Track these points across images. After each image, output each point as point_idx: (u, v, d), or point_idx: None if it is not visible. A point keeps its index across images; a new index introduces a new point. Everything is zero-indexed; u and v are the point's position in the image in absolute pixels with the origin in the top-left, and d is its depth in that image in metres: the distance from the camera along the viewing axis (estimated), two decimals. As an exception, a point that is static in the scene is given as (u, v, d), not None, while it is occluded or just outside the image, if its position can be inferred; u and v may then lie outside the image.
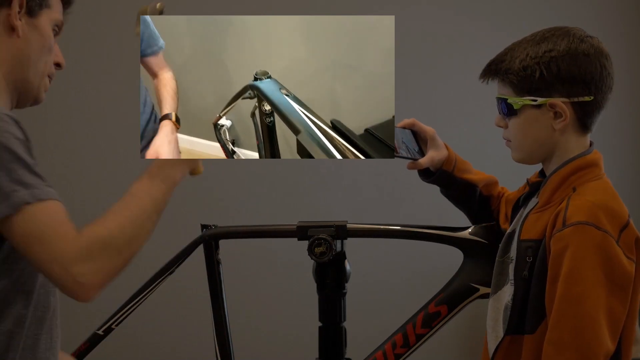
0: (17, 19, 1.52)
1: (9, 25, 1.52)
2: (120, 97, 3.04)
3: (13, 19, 1.52)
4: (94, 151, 3.08)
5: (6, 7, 1.52)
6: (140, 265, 2.86)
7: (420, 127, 1.94)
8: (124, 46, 3.01)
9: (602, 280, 1.56)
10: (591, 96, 1.66)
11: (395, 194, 3.35)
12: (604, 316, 1.55)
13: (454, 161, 1.93)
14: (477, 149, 3.11)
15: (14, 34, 1.52)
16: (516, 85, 1.69)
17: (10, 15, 1.52)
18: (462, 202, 1.97)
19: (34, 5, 1.55)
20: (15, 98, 1.56)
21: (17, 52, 1.53)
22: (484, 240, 1.92)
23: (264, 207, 3.20)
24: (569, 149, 1.69)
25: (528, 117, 1.69)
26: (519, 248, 1.67)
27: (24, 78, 1.55)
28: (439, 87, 3.42)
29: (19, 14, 1.52)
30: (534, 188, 1.77)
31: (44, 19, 1.56)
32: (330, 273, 1.94)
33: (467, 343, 3.39)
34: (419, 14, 3.39)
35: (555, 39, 1.67)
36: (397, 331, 1.93)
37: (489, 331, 1.72)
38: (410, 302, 2.08)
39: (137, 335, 3.03)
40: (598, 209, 1.59)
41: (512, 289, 1.67)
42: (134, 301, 2.03)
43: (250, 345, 3.02)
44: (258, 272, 3.20)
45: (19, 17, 1.52)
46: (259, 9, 3.14)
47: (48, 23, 1.57)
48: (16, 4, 1.52)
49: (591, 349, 1.54)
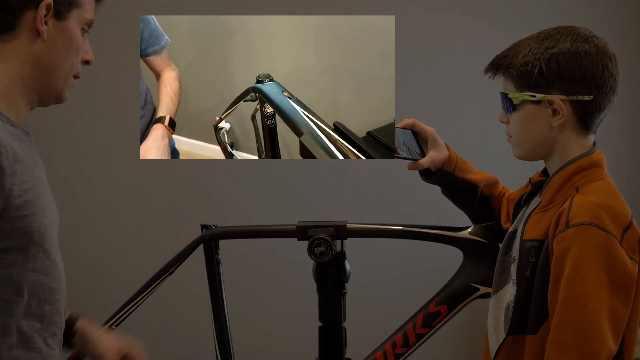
0: (43, 23, 1.48)
1: (34, 29, 1.49)
2: (120, 98, 3.04)
3: (38, 23, 1.48)
4: (94, 151, 3.08)
5: (33, 10, 1.48)
6: (140, 266, 2.88)
7: (420, 127, 1.94)
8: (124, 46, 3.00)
9: (605, 281, 1.56)
10: (591, 95, 1.66)
11: (395, 194, 3.35)
12: (606, 317, 1.55)
13: (455, 161, 1.93)
14: (477, 149, 3.11)
15: (38, 37, 1.49)
16: (517, 80, 1.69)
17: (36, 19, 1.48)
18: (463, 202, 1.97)
19: (62, 7, 1.50)
20: (35, 99, 1.54)
21: (41, 55, 1.50)
22: (484, 240, 1.92)
23: (264, 207, 3.20)
24: (570, 148, 1.69)
25: (527, 112, 1.70)
26: (522, 248, 1.67)
27: (46, 81, 1.52)
28: (439, 87, 3.42)
29: (46, 17, 1.48)
30: (537, 187, 1.76)
31: (72, 21, 1.52)
32: (330, 273, 1.94)
33: (467, 343, 3.39)
34: (419, 14, 3.39)
35: (559, 37, 1.68)
36: (397, 331, 1.93)
37: (490, 331, 1.72)
38: (410, 302, 2.09)
39: (137, 336, 3.01)
40: (601, 209, 1.59)
41: (515, 288, 1.67)
42: (134, 301, 2.03)
43: (250, 345, 3.02)
44: (258, 272, 3.20)
45: (45, 20, 1.48)
46: (259, 9, 3.13)
47: (77, 24, 1.53)
48: (43, 8, 1.48)
49: (594, 349, 1.54)
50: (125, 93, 2.99)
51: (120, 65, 3.03)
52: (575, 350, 1.54)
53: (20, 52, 1.49)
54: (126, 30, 2.95)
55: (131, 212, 3.08)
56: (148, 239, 3.05)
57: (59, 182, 2.90)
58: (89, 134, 3.06)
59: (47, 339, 1.50)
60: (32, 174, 1.47)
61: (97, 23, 1.60)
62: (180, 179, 3.13)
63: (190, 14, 2.94)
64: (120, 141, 3.05)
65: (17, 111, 1.51)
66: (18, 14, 1.48)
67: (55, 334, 1.52)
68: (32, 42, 1.49)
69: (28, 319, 1.47)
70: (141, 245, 3.05)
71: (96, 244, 3.00)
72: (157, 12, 2.85)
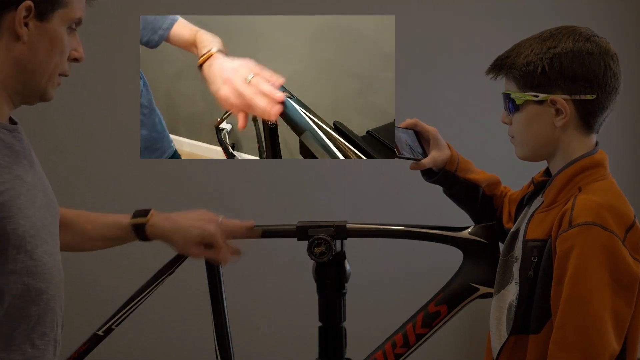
0: (22, 25, 1.44)
1: (14, 31, 1.44)
2: (120, 98, 3.04)
3: (17, 26, 1.44)
4: (94, 151, 3.08)
5: (12, 12, 1.44)
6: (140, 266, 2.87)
7: (422, 127, 1.94)
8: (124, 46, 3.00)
9: (608, 280, 1.56)
10: (594, 95, 1.66)
11: (395, 194, 3.35)
12: (609, 317, 1.55)
13: (457, 161, 1.93)
14: (478, 149, 3.11)
15: (19, 39, 1.45)
16: (519, 80, 1.70)
17: (15, 20, 1.43)
18: (464, 202, 1.98)
19: (44, 8, 1.46)
20: (17, 99, 1.51)
21: (21, 57, 1.46)
22: (484, 240, 1.92)
23: (264, 207, 3.20)
24: (572, 148, 1.69)
25: (530, 112, 1.70)
26: (525, 248, 1.67)
27: (28, 82, 1.49)
28: (439, 87, 3.42)
29: (27, 19, 1.44)
30: (539, 187, 1.76)
31: (55, 22, 1.47)
32: (330, 273, 1.94)
33: (467, 343, 3.39)
34: (419, 14, 3.39)
35: (561, 37, 1.68)
36: (397, 331, 1.93)
37: (493, 330, 1.72)
38: (410, 302, 2.08)
39: (137, 336, 3.03)
40: (604, 209, 1.59)
41: (517, 288, 1.67)
42: (134, 301, 2.03)
43: (250, 345, 3.02)
44: (258, 272, 3.20)
45: (25, 22, 1.44)
46: (259, 9, 3.13)
47: (61, 24, 1.48)
48: (22, 10, 1.43)
49: (597, 349, 1.55)
50: (125, 93, 2.99)
51: (120, 65, 3.03)
52: (578, 350, 1.54)
53: (1, 54, 1.45)
54: (126, 30, 2.95)
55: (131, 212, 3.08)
56: (148, 239, 3.05)
57: (59, 182, 2.89)
58: (89, 134, 3.05)
59: (35, 340, 1.48)
60: (10, 174, 1.44)
61: (97, 23, 1.59)
62: (180, 179, 3.12)
63: (190, 14, 2.94)
64: (120, 141, 3.05)
65: (1, 111, 1.48)
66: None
67: (44, 334, 1.49)
68: (12, 44, 1.45)
69: (10, 320, 1.44)
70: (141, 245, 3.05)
71: (96, 244, 3.00)
72: (157, 12, 2.85)
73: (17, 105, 1.53)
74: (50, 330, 1.51)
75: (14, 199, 1.43)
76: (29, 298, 1.46)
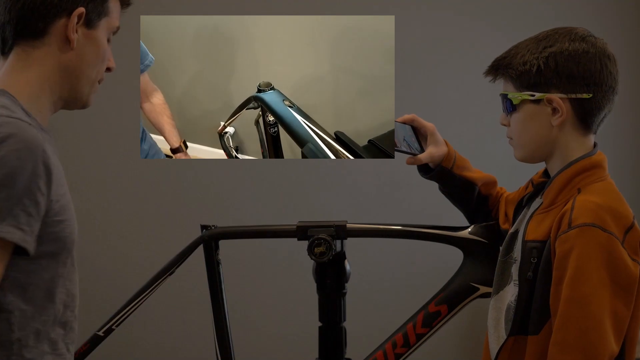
0: (74, 31, 1.47)
1: (64, 37, 1.47)
2: (120, 98, 3.04)
3: (70, 32, 1.46)
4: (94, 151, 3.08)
5: (64, 18, 1.46)
6: (140, 266, 2.87)
7: (420, 122, 1.94)
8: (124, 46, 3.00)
9: (607, 282, 1.56)
10: (590, 93, 1.66)
11: (395, 194, 3.35)
12: (608, 318, 1.56)
13: (454, 158, 1.93)
14: (477, 149, 3.11)
15: (68, 45, 1.48)
16: (516, 80, 1.70)
17: (68, 27, 1.46)
18: (459, 200, 1.98)
19: (93, 16, 1.49)
20: (59, 105, 1.53)
21: (69, 63, 1.49)
22: (484, 240, 1.92)
23: (264, 207, 3.20)
24: (570, 148, 1.70)
25: (527, 112, 1.70)
26: (524, 249, 1.67)
27: (74, 88, 1.51)
28: (439, 87, 3.42)
29: (77, 25, 1.47)
30: (538, 188, 1.77)
31: (101, 30, 1.51)
32: (330, 273, 1.94)
33: (467, 343, 3.39)
34: (419, 14, 3.39)
35: (557, 37, 1.69)
36: (398, 331, 1.93)
37: (491, 331, 1.72)
38: (410, 302, 2.09)
39: (138, 336, 3.03)
40: (603, 210, 1.59)
41: (516, 289, 1.67)
42: (134, 302, 2.03)
43: (250, 345, 3.02)
44: (258, 272, 3.20)
45: (75, 28, 1.47)
46: (259, 9, 3.13)
47: (105, 33, 1.52)
48: (75, 16, 1.46)
49: (596, 350, 1.55)
50: (125, 93, 2.99)
51: (120, 65, 3.02)
52: (578, 351, 1.55)
53: (49, 59, 1.48)
54: (126, 30, 2.94)
55: (131, 212, 3.09)
56: (148, 239, 3.05)
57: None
58: (89, 134, 3.06)
59: (69, 346, 1.50)
60: (63, 179, 1.46)
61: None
62: (180, 179, 3.13)
63: (190, 14, 2.95)
64: (120, 141, 3.06)
65: (44, 116, 1.50)
66: (49, 21, 1.46)
67: (73, 341, 1.52)
68: (62, 50, 1.48)
69: (55, 325, 1.46)
70: (141, 245, 3.05)
71: (96, 244, 3.00)
72: (157, 12, 2.85)
73: (56, 110, 1.54)
74: (75, 338, 1.53)
75: (68, 202, 1.46)
76: (68, 304, 1.48)
